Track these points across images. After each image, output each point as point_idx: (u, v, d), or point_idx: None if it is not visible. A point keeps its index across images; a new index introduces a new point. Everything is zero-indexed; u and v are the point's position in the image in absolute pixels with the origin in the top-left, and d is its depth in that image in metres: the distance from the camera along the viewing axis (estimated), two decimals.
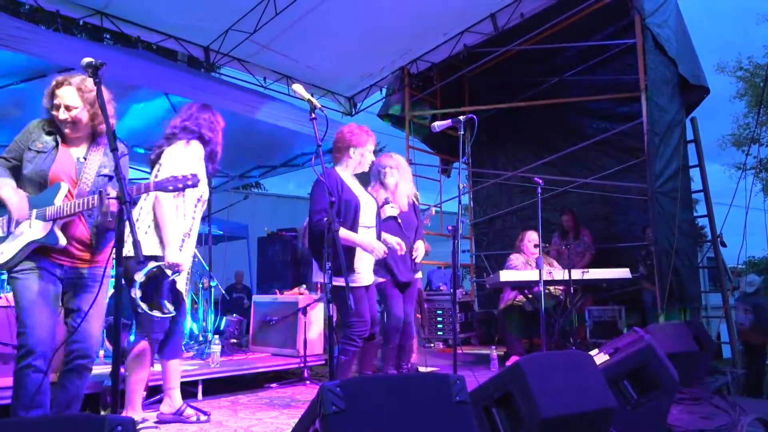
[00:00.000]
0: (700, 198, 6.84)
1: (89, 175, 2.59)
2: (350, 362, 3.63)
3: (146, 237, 3.04)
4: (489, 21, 7.22)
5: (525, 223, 8.10)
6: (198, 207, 3.26)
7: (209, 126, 3.33)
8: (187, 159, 3.16)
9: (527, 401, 2.11)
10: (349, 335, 3.52)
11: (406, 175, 4.37)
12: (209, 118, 3.35)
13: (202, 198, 3.28)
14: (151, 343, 3.06)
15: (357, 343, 3.54)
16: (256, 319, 5.62)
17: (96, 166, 2.61)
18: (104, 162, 2.64)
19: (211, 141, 3.32)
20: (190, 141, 3.24)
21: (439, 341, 7.08)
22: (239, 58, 7.45)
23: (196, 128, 3.28)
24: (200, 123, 3.30)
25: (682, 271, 5.57)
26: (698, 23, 12.95)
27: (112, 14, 6.34)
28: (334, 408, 1.65)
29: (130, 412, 3.04)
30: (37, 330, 2.44)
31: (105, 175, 2.63)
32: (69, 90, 2.57)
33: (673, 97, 5.95)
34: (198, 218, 3.27)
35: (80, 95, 2.57)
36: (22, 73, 4.50)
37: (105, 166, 2.64)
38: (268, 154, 7.60)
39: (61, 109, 2.55)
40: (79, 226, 2.60)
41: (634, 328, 3.04)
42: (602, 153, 7.60)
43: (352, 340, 3.52)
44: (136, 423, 1.49)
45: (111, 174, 2.62)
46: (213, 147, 3.34)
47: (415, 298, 4.48)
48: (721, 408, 3.45)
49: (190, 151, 3.20)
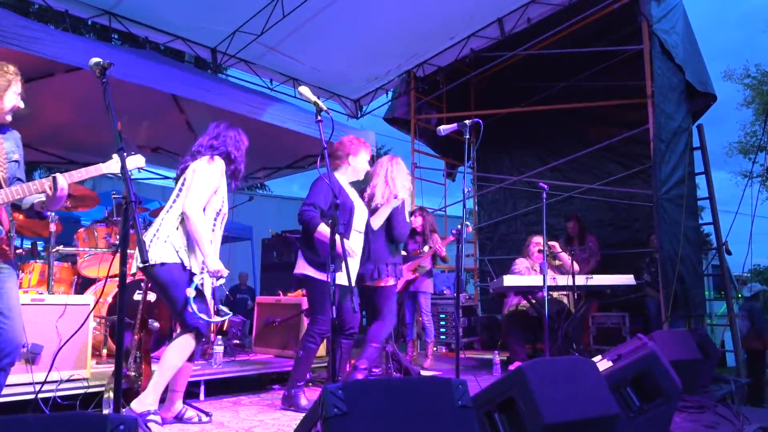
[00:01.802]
0: (705, 205, 6.82)
1: (2, 162, 2.55)
2: (308, 359, 3.71)
3: (165, 245, 3.12)
4: (496, 25, 7.22)
5: (529, 228, 8.09)
6: (218, 221, 3.34)
7: (235, 144, 3.42)
8: (209, 175, 3.24)
9: (530, 407, 2.11)
10: (310, 331, 3.69)
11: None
12: (235, 137, 3.44)
13: (222, 211, 3.35)
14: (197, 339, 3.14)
15: (317, 341, 3.68)
16: (260, 321, 5.62)
17: (4, 152, 2.58)
18: (9, 148, 2.61)
19: (236, 159, 3.41)
20: (213, 157, 3.31)
21: (441, 345, 7.06)
22: (246, 59, 7.47)
23: (223, 147, 3.37)
24: (227, 141, 3.39)
25: (686, 279, 5.55)
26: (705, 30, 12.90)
27: (120, 14, 6.36)
28: (335, 410, 1.65)
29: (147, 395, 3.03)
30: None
31: (14, 161, 2.62)
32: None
33: (679, 104, 5.93)
34: (218, 231, 3.36)
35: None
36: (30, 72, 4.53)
37: (13, 152, 2.62)
38: (273, 156, 7.61)
39: (20, 98, 2.59)
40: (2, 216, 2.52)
41: (637, 335, 3.03)
42: (608, 159, 7.59)
43: (312, 337, 3.67)
44: (138, 422, 1.49)
45: (18, 159, 2.62)
46: (237, 165, 3.43)
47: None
48: (725, 417, 3.43)
49: (213, 168, 3.27)
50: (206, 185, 3.21)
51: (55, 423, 1.37)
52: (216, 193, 3.28)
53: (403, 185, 4.24)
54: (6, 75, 2.55)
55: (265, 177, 8.62)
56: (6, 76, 2.54)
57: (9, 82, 2.55)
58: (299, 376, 3.73)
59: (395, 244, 4.23)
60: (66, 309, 3.47)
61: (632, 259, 7.05)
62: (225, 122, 3.51)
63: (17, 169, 2.63)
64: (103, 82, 2.29)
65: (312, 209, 3.68)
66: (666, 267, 5.35)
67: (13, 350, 2.53)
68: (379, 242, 4.18)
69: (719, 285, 8.28)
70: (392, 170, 4.23)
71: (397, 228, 4.13)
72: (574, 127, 7.96)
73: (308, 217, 3.67)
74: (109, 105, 2.25)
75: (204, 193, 3.20)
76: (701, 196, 6.64)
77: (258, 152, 7.25)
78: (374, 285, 4.12)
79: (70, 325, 3.35)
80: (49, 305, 3.44)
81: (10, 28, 3.75)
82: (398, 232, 4.15)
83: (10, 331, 2.51)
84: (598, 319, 6.61)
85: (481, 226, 9.23)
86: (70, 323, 3.38)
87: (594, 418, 2.23)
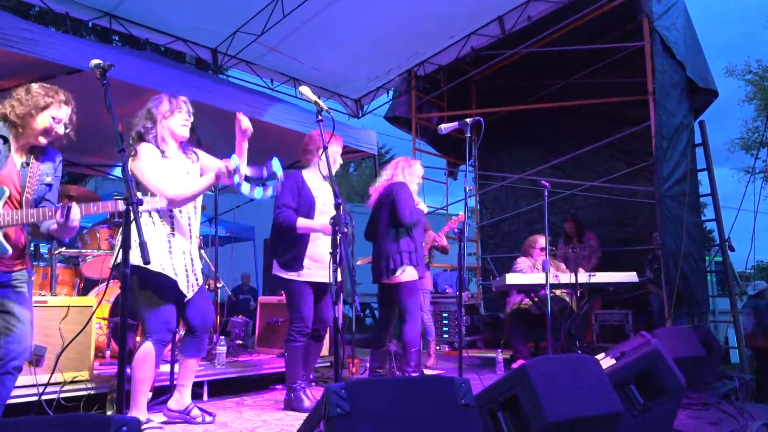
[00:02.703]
0: (708, 202, 6.81)
1: (32, 182, 2.56)
2: (292, 359, 3.72)
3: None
4: (496, 24, 7.21)
5: (531, 227, 8.09)
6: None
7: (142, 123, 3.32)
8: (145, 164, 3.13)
9: (533, 405, 2.10)
10: (290, 331, 3.70)
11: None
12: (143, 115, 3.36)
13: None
14: (154, 344, 3.07)
15: (296, 339, 3.68)
16: (262, 321, 5.62)
17: (38, 173, 2.59)
18: (45, 170, 2.63)
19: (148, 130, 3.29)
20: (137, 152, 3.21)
21: (444, 344, 7.06)
22: (246, 60, 7.47)
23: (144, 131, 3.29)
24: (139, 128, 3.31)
25: (689, 276, 5.54)
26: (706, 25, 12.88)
27: (121, 16, 6.37)
28: (338, 410, 1.65)
29: (134, 412, 3.04)
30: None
31: (47, 183, 2.63)
32: (70, 110, 2.60)
33: (681, 101, 5.92)
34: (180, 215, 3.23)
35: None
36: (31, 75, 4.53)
37: (48, 175, 2.63)
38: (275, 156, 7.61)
39: (60, 125, 2.56)
40: (16, 232, 2.56)
41: (641, 332, 3.03)
42: (609, 156, 7.58)
43: (292, 336, 3.68)
44: (140, 423, 1.49)
45: (51, 182, 2.64)
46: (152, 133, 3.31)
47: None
48: (729, 414, 3.43)
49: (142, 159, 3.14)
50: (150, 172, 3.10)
51: (59, 425, 1.37)
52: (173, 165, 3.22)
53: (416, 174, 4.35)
54: (46, 97, 2.53)
55: (267, 178, 8.62)
56: (45, 98, 2.53)
57: (48, 104, 2.52)
58: (292, 378, 3.72)
59: (404, 229, 4.16)
60: (69, 311, 3.48)
61: (634, 256, 7.04)
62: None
63: (48, 192, 2.64)
64: (103, 84, 2.30)
65: (285, 209, 3.75)
66: (669, 264, 5.35)
67: (22, 354, 2.55)
68: (384, 233, 4.17)
69: (722, 282, 8.27)
70: (406, 162, 4.36)
71: (401, 210, 4.08)
72: (576, 125, 7.95)
73: (285, 217, 3.72)
74: (109, 106, 2.26)
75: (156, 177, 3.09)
76: (703, 192, 6.63)
77: (259, 153, 7.29)
78: (393, 282, 4.11)
79: (73, 327, 3.35)
80: (52, 307, 3.45)
81: (10, 30, 3.74)
82: (402, 214, 4.08)
83: (21, 335, 2.54)
84: (601, 317, 6.61)
85: (483, 224, 9.22)
86: (73, 325, 3.39)
87: (597, 416, 2.22)
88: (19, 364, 2.55)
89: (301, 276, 3.71)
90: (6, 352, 2.50)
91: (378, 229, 4.25)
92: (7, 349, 2.50)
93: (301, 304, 3.70)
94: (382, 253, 4.15)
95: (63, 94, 2.59)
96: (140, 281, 2.99)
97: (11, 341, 2.51)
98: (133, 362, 3.06)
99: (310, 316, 3.71)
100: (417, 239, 4.23)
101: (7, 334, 2.50)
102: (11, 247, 2.49)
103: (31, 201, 2.54)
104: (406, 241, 4.15)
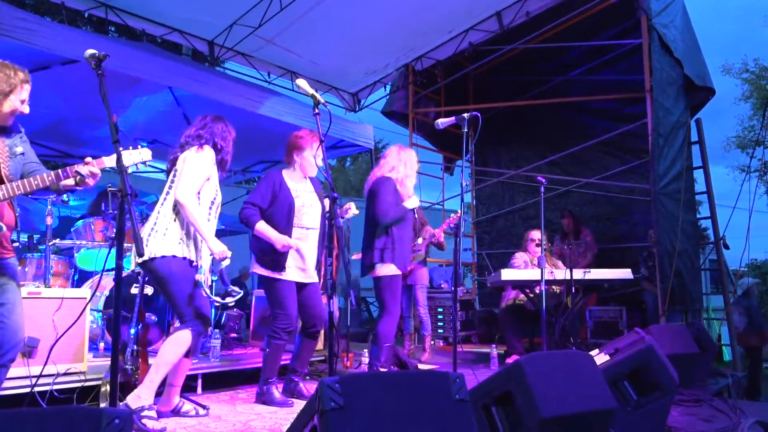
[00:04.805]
0: (703, 200, 6.82)
1: (4, 157, 2.52)
2: (274, 355, 3.73)
3: (164, 238, 3.15)
4: (495, 19, 7.19)
5: (527, 222, 8.10)
6: (213, 210, 3.36)
7: (222, 135, 3.45)
8: (199, 163, 3.28)
9: (527, 400, 2.10)
10: (274, 328, 3.69)
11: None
12: (222, 128, 3.47)
13: (215, 201, 3.38)
14: (192, 333, 3.14)
15: (281, 336, 3.68)
16: (257, 314, 5.62)
17: (5, 146, 2.55)
18: (11, 142, 2.58)
19: (222, 149, 3.45)
20: (202, 146, 3.34)
21: (439, 339, 7.07)
22: (243, 52, 7.44)
23: (210, 136, 3.40)
24: (214, 132, 3.43)
25: (683, 273, 5.56)
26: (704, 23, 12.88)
27: (117, 7, 6.33)
28: (332, 404, 1.65)
29: (142, 390, 3.05)
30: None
31: (20, 153, 2.59)
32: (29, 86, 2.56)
33: (678, 98, 5.93)
34: (213, 220, 3.37)
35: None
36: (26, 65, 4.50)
37: (16, 145, 2.59)
38: (271, 149, 7.58)
39: (25, 104, 2.53)
40: (6, 211, 2.52)
41: (635, 329, 3.04)
42: (605, 153, 7.59)
43: (276, 333, 3.68)
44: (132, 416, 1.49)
45: (24, 150, 2.61)
46: (224, 155, 3.46)
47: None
48: (722, 410, 3.44)
49: (202, 156, 3.31)
50: (197, 172, 3.24)
51: (51, 417, 1.37)
52: (209, 181, 3.31)
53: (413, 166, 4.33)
54: (10, 80, 2.50)
55: (262, 170, 8.59)
56: (10, 81, 2.49)
57: (12, 87, 2.49)
58: (270, 373, 3.72)
59: (381, 227, 4.10)
60: (63, 302, 3.47)
61: (629, 253, 7.06)
62: (211, 114, 3.53)
63: (27, 160, 2.61)
64: (98, 74, 2.28)
65: (250, 207, 3.75)
66: (663, 261, 5.36)
67: (14, 347, 2.53)
68: (366, 229, 4.18)
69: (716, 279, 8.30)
70: (403, 152, 4.33)
71: (377, 208, 4.05)
72: (573, 121, 7.95)
73: (246, 215, 3.74)
74: (104, 97, 2.24)
75: (195, 180, 3.23)
76: (699, 190, 6.65)
77: (256, 145, 7.29)
78: (373, 275, 4.12)
79: (66, 319, 3.34)
80: (45, 299, 3.43)
81: (6, 19, 3.71)
82: (378, 212, 4.04)
83: (12, 327, 2.52)
84: (595, 313, 6.63)
85: (479, 220, 9.22)
86: (66, 317, 3.38)
87: (591, 412, 2.23)
88: (12, 357, 2.53)
89: (284, 275, 3.72)
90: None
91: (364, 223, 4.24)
92: (1, 342, 2.48)
93: (287, 302, 3.70)
94: (363, 248, 4.18)
95: (21, 72, 2.54)
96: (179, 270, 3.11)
97: (4, 334, 2.48)
98: (167, 342, 3.13)
99: (295, 314, 3.73)
100: (397, 235, 4.11)
101: (0, 327, 2.49)
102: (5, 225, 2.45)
103: (9, 176, 2.48)
104: (382, 238, 4.10)
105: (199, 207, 3.21)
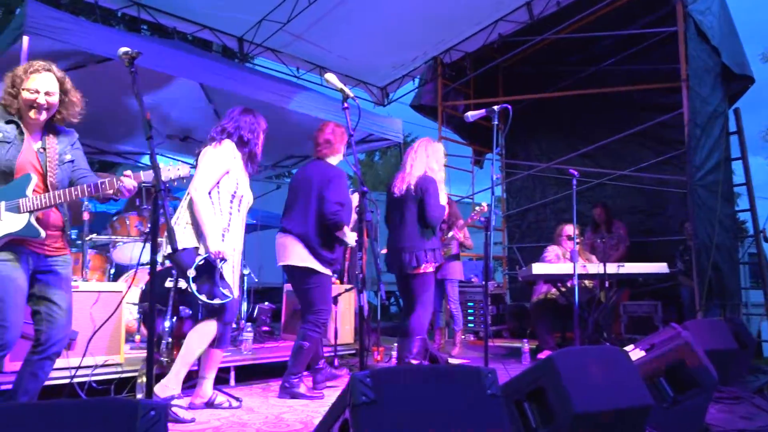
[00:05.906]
0: (742, 192, 6.62)
1: (53, 165, 2.58)
2: (313, 349, 3.78)
3: (185, 231, 3.23)
4: (524, 9, 7.08)
5: (559, 216, 7.99)
6: (234, 203, 3.35)
7: (249, 128, 3.45)
8: (215, 158, 3.30)
9: (560, 396, 2.08)
10: (316, 322, 3.73)
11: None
12: (250, 120, 3.48)
13: (238, 194, 3.37)
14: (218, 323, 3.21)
15: (321, 330, 3.77)
16: (288, 308, 5.67)
17: (56, 154, 2.61)
18: (62, 150, 2.65)
19: (249, 142, 3.44)
20: (221, 141, 3.36)
21: (470, 333, 7.04)
22: (272, 48, 7.48)
23: (234, 130, 3.41)
24: (240, 125, 3.43)
25: (721, 267, 5.41)
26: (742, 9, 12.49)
27: (149, 5, 6.43)
28: (363, 398, 1.65)
29: (169, 379, 3.11)
30: (16, 326, 2.44)
31: (69, 161, 2.66)
32: (49, 76, 2.58)
33: (715, 87, 5.76)
34: (238, 214, 3.37)
35: (59, 82, 2.61)
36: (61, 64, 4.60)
37: (65, 153, 2.66)
38: (301, 144, 7.62)
39: (40, 94, 2.54)
40: (52, 214, 2.61)
41: (671, 324, 2.97)
42: (640, 145, 7.41)
43: (318, 327, 3.74)
44: (167, 406, 1.51)
45: (72, 158, 2.67)
46: (252, 148, 3.46)
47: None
48: (762, 408, 3.36)
49: (219, 151, 3.32)
50: (211, 168, 3.26)
51: (89, 408, 1.40)
52: (228, 175, 3.31)
53: (441, 160, 4.31)
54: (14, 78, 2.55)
55: (292, 165, 8.65)
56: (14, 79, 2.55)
57: (18, 83, 2.54)
58: (300, 367, 3.74)
59: (430, 229, 4.17)
60: (99, 296, 3.55)
61: (664, 246, 6.91)
62: (240, 107, 3.54)
63: (76, 167, 2.69)
64: (131, 72, 2.31)
65: (342, 209, 3.74)
66: (700, 255, 5.24)
67: (61, 340, 2.61)
68: (412, 228, 4.15)
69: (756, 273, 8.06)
70: (430, 147, 4.31)
71: (430, 212, 4.08)
72: (605, 113, 7.78)
73: (342, 217, 3.74)
74: (137, 94, 2.27)
75: (208, 175, 3.25)
76: (737, 182, 6.47)
77: (285, 141, 7.32)
78: (412, 273, 4.11)
79: (103, 312, 3.43)
80: (83, 292, 3.51)
81: (42, 19, 3.80)
82: (431, 216, 4.08)
83: (62, 322, 2.60)
84: (629, 308, 6.51)
85: (509, 213, 9.13)
86: (103, 310, 3.46)
87: (626, 409, 2.19)
88: (58, 350, 2.61)
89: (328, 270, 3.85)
90: (47, 337, 2.56)
91: (403, 222, 4.20)
92: (49, 335, 2.56)
93: (330, 297, 3.86)
94: (406, 247, 4.13)
95: (37, 64, 2.58)
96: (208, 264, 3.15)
97: (53, 328, 2.56)
98: (192, 332, 3.20)
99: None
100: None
101: (49, 321, 2.56)
102: (44, 227, 2.52)
103: (56, 184, 2.57)
104: (433, 239, 4.17)
105: (206, 201, 3.21)
